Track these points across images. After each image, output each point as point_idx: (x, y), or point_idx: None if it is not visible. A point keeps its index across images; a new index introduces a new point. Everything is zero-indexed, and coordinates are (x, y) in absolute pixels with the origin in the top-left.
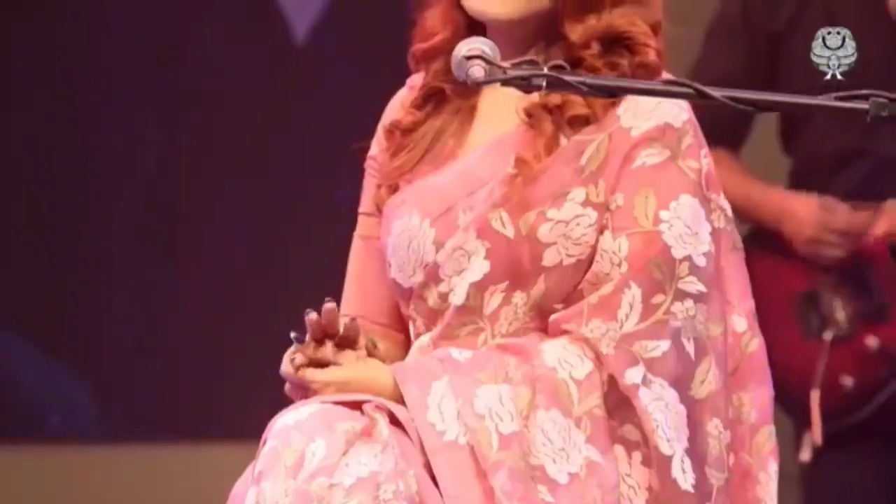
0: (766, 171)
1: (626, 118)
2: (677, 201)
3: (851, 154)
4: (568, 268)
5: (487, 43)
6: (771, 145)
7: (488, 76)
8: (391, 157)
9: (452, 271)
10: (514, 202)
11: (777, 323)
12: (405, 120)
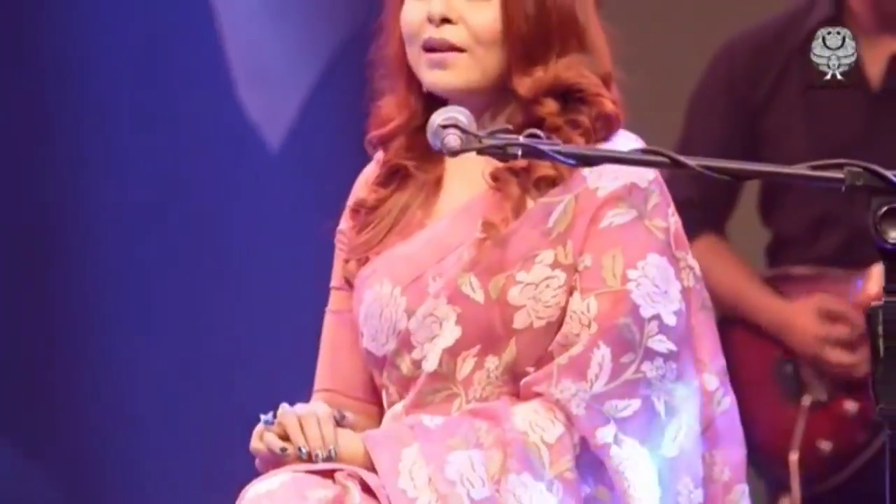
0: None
1: (592, 178)
2: (645, 260)
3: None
4: (539, 330)
5: (463, 112)
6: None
7: (464, 145)
8: (357, 233)
9: (424, 338)
10: (483, 266)
11: (756, 386)
12: (369, 198)
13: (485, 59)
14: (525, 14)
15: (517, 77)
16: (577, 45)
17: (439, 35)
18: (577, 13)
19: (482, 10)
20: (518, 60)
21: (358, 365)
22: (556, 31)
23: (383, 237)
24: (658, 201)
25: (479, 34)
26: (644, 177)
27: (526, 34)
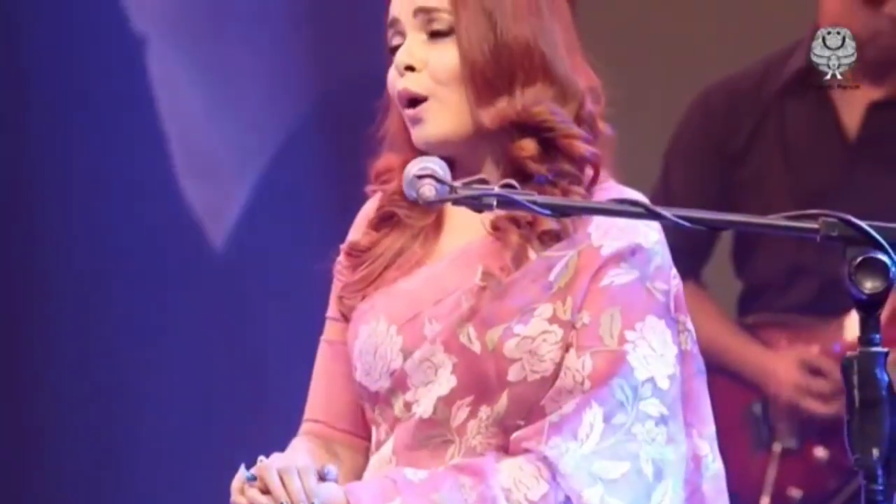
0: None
1: (597, 236)
2: (643, 322)
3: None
4: (532, 384)
5: (438, 162)
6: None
7: (439, 195)
8: (352, 272)
9: (419, 382)
10: (481, 316)
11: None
12: (363, 240)
13: (450, 101)
14: (481, 48)
15: (481, 110)
16: (542, 76)
17: (403, 85)
18: (538, 44)
19: (441, 51)
20: (480, 94)
21: (349, 397)
22: (517, 62)
23: (379, 275)
24: (661, 263)
25: (439, 77)
26: (648, 238)
27: (484, 67)
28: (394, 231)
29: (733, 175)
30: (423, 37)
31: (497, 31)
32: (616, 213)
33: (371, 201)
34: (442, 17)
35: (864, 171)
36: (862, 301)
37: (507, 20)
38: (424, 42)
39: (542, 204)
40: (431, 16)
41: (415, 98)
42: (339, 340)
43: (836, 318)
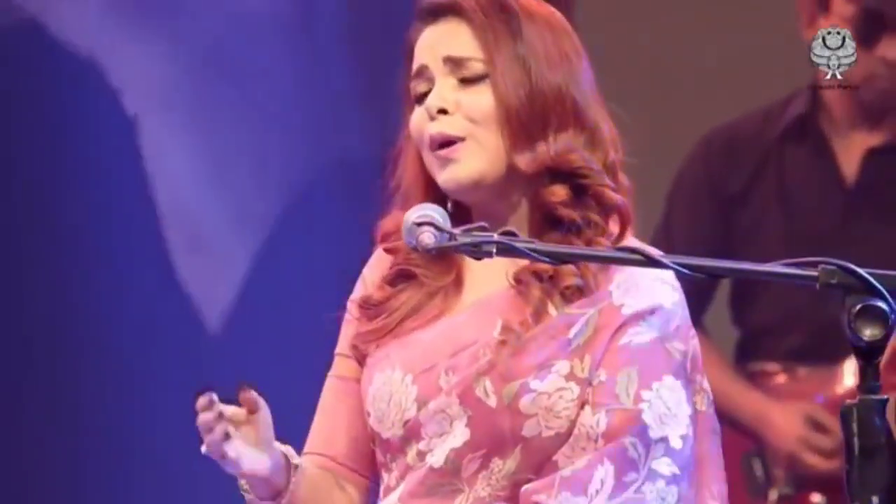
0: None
1: (618, 295)
2: (660, 382)
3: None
4: (546, 440)
5: (437, 209)
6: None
7: (438, 242)
8: (367, 322)
9: (434, 432)
10: (499, 370)
11: None
12: (376, 295)
13: (487, 142)
14: (517, 93)
15: (517, 153)
16: (574, 122)
17: (437, 128)
18: (571, 90)
19: (475, 94)
20: (516, 137)
21: (354, 435)
22: (550, 107)
23: (396, 325)
24: (680, 323)
25: (475, 118)
26: (669, 298)
27: (520, 111)
28: (410, 287)
29: (732, 219)
30: (452, 81)
31: (532, 77)
32: (617, 260)
33: (376, 256)
34: (473, 65)
35: (861, 218)
36: (861, 349)
37: (540, 67)
38: (455, 87)
39: (542, 251)
40: (462, 63)
41: (450, 140)
42: (348, 377)
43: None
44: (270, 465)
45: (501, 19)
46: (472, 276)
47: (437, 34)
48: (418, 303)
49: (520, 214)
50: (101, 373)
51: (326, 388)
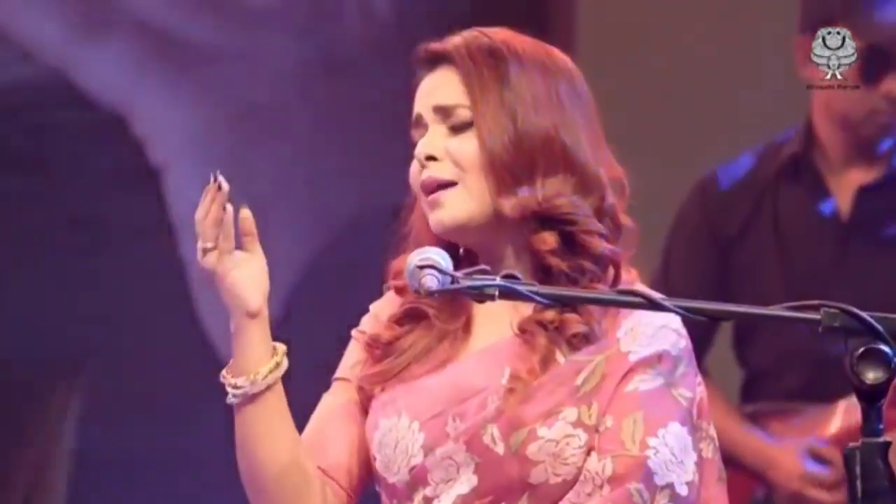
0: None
1: (626, 342)
2: (666, 429)
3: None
4: (554, 486)
5: (440, 252)
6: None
7: (441, 286)
8: (373, 364)
9: (440, 478)
10: (506, 418)
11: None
12: (385, 335)
13: (473, 188)
14: (501, 139)
15: (502, 198)
16: (563, 167)
17: (427, 174)
18: (561, 134)
19: (462, 141)
20: (501, 183)
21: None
22: (537, 151)
23: (402, 369)
24: (686, 370)
25: (462, 164)
26: (676, 345)
27: (504, 157)
28: (419, 328)
29: (730, 260)
30: (443, 129)
31: (517, 122)
32: (618, 303)
33: (386, 297)
34: (460, 113)
35: (857, 254)
36: (864, 392)
37: (527, 111)
38: (445, 134)
39: (544, 294)
40: (450, 112)
41: (440, 184)
42: (348, 400)
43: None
44: (259, 304)
45: (489, 65)
46: (480, 323)
47: (431, 83)
48: (426, 346)
49: (513, 260)
50: (126, 424)
51: (320, 405)
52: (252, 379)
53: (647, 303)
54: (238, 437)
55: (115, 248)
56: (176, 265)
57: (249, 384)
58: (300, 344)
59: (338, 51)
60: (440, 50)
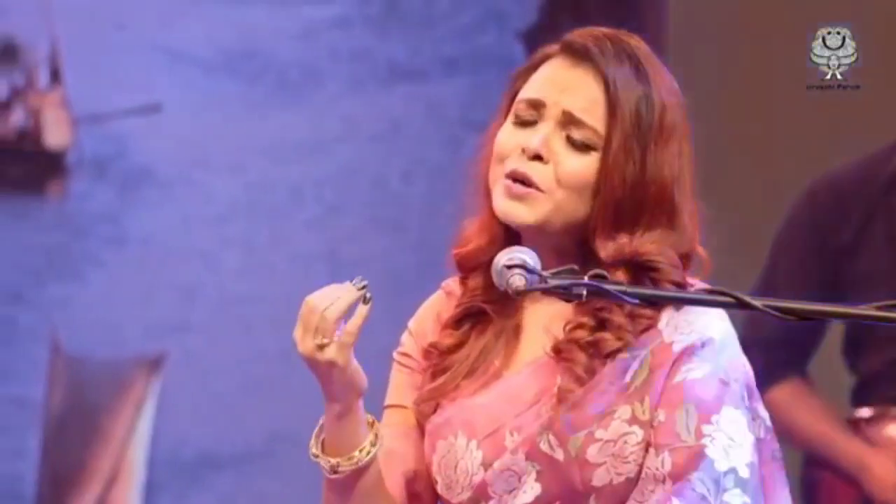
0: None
1: (668, 332)
2: (719, 415)
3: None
4: (618, 486)
5: (528, 252)
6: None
7: (529, 285)
8: (431, 378)
9: (502, 490)
10: (561, 424)
11: None
12: (444, 341)
13: (563, 203)
14: (623, 177)
15: (601, 239)
16: (666, 222)
17: (525, 169)
18: (674, 191)
19: (578, 158)
20: (605, 221)
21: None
22: (650, 202)
23: (458, 384)
24: (732, 353)
25: (566, 179)
26: (718, 329)
27: (620, 197)
28: (476, 330)
29: (841, 270)
30: (562, 135)
31: (643, 169)
32: (706, 303)
33: (437, 296)
34: (588, 135)
35: None
36: None
37: (655, 160)
38: (562, 142)
39: (632, 293)
40: (580, 128)
41: (529, 184)
42: (403, 423)
43: None
44: (362, 386)
45: (638, 92)
46: (529, 328)
47: (569, 79)
48: (485, 347)
49: (569, 259)
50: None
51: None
52: (358, 458)
53: (737, 302)
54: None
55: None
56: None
57: (355, 462)
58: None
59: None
60: (585, 47)
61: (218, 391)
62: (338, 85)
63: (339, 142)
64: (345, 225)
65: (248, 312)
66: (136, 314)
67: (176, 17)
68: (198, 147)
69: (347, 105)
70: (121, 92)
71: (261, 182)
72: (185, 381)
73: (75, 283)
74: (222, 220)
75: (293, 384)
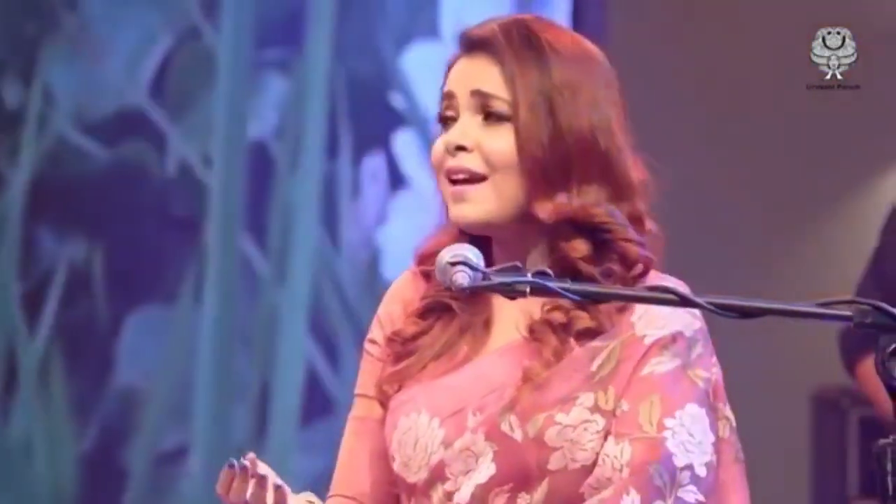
0: None
1: (640, 326)
2: (683, 410)
3: None
4: (572, 472)
5: (471, 249)
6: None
7: (473, 282)
8: (394, 362)
9: (459, 471)
10: (523, 405)
11: None
12: (408, 330)
13: (502, 186)
14: (539, 139)
15: (538, 202)
16: (599, 173)
17: (456, 163)
18: (598, 140)
19: (496, 135)
20: (536, 186)
21: (375, 474)
22: (575, 157)
23: (421, 369)
24: (702, 351)
25: (493, 160)
26: (690, 326)
27: (541, 159)
28: (440, 321)
29: None
30: (478, 119)
31: (557, 125)
32: (649, 300)
33: (403, 278)
34: (498, 105)
35: None
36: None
37: (567, 114)
38: (479, 125)
39: (575, 291)
40: (488, 101)
41: (469, 175)
42: (370, 417)
43: None
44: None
45: (530, 57)
46: (498, 321)
47: (469, 66)
48: (448, 341)
49: (536, 255)
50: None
51: (347, 430)
52: None
53: (678, 299)
54: None
55: None
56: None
57: None
58: None
59: None
60: (480, 35)
61: None
62: None
63: None
64: None
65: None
66: None
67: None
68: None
69: None
70: None
71: None
72: None
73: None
74: None
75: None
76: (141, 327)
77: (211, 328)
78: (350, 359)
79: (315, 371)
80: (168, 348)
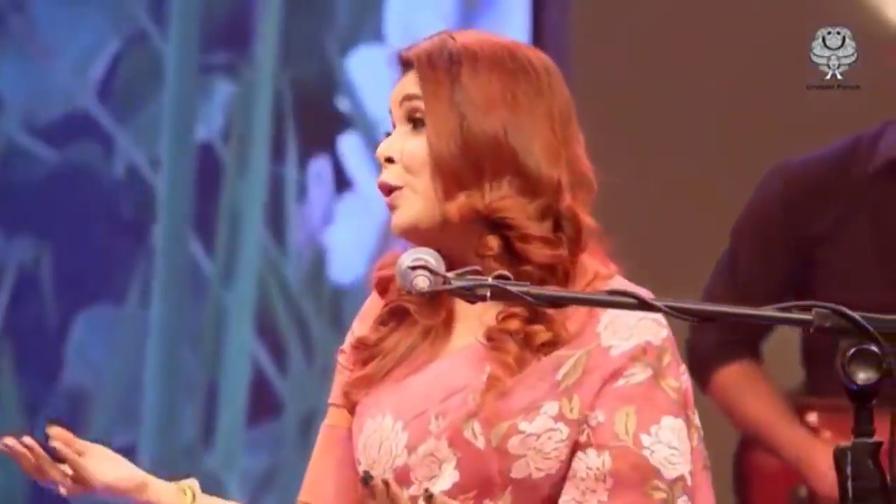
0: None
1: (606, 336)
2: (659, 425)
3: None
4: (537, 481)
5: (432, 254)
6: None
7: (432, 286)
8: (360, 367)
9: (423, 476)
10: (486, 413)
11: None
12: (371, 336)
13: (420, 190)
14: (448, 142)
15: (447, 202)
16: (511, 170)
17: (381, 178)
18: (509, 137)
19: (412, 142)
20: (446, 186)
21: (341, 481)
22: (484, 156)
23: (387, 372)
24: (670, 360)
25: (411, 167)
26: (658, 334)
27: (451, 160)
28: (402, 327)
29: (816, 260)
30: (407, 128)
31: (465, 125)
32: (609, 304)
33: (368, 302)
34: (419, 106)
35: None
36: (855, 392)
37: (476, 113)
38: (407, 133)
39: (536, 295)
40: (413, 104)
41: (391, 189)
42: (339, 425)
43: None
44: (138, 478)
45: (443, 66)
46: (459, 320)
47: (402, 82)
48: (410, 344)
49: (471, 263)
50: None
51: (319, 437)
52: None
53: (637, 303)
54: None
55: None
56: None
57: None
58: None
59: None
60: (404, 56)
61: None
62: None
63: None
64: None
65: None
66: None
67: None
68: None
69: None
70: None
71: None
72: None
73: None
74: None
75: None
76: (89, 328)
77: (159, 329)
78: (296, 359)
79: (262, 371)
80: (116, 349)
